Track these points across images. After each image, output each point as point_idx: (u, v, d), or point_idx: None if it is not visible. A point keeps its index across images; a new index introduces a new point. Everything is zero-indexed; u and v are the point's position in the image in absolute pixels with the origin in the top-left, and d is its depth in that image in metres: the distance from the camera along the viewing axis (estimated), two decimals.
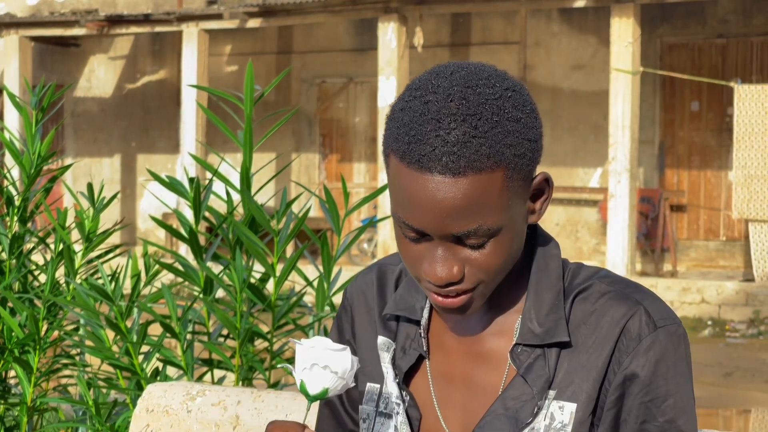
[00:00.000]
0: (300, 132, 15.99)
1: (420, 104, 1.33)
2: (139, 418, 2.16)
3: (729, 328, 11.68)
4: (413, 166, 1.31)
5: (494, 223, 1.33)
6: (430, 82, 1.35)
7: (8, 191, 3.45)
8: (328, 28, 15.58)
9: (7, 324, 3.17)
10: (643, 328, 1.37)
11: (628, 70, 12.13)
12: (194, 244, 2.87)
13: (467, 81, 1.34)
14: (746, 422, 8.23)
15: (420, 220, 1.33)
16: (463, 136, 1.30)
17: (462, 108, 1.31)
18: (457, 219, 1.32)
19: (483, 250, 1.35)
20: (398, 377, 1.48)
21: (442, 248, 1.35)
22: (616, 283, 1.42)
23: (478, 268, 1.35)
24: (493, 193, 1.31)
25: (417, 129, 1.32)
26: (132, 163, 17.06)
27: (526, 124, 1.34)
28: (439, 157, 1.30)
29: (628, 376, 1.37)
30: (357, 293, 1.58)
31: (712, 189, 13.90)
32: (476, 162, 1.30)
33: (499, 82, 1.35)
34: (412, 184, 1.32)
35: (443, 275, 1.34)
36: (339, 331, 1.60)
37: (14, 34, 15.45)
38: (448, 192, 1.30)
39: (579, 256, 14.38)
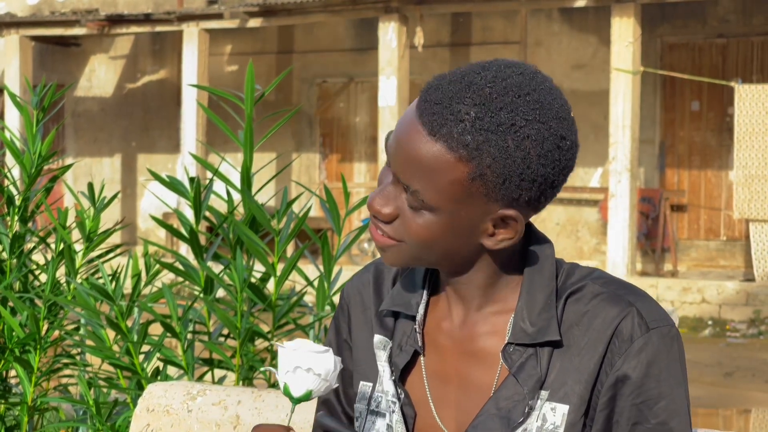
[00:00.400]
0: (300, 132, 15.99)
1: (473, 71, 1.36)
2: (140, 418, 2.16)
3: (729, 328, 11.68)
4: (419, 101, 1.36)
5: (431, 200, 1.35)
6: (500, 67, 1.38)
7: (9, 191, 3.45)
8: (329, 27, 15.58)
9: (8, 323, 3.17)
10: (635, 329, 1.37)
11: (629, 69, 12.13)
12: (195, 243, 2.87)
13: (521, 87, 1.36)
14: (746, 422, 8.23)
15: (391, 147, 1.39)
16: (465, 114, 1.32)
17: (489, 98, 1.33)
18: (408, 168, 1.35)
19: (417, 215, 1.37)
20: (394, 374, 1.48)
21: (391, 186, 1.40)
22: (609, 284, 1.41)
23: (405, 227, 1.39)
24: (446, 176, 1.33)
25: (447, 84, 1.35)
26: (132, 163, 17.06)
27: (524, 159, 1.33)
28: (433, 112, 1.33)
29: (620, 377, 1.37)
30: (353, 293, 1.58)
31: (712, 189, 13.90)
32: (452, 140, 1.32)
33: (545, 114, 1.35)
34: (407, 116, 1.37)
35: (374, 204, 1.40)
36: (336, 331, 1.60)
37: (15, 33, 15.46)
38: (416, 142, 1.34)
39: (579, 256, 14.37)
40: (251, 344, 2.87)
